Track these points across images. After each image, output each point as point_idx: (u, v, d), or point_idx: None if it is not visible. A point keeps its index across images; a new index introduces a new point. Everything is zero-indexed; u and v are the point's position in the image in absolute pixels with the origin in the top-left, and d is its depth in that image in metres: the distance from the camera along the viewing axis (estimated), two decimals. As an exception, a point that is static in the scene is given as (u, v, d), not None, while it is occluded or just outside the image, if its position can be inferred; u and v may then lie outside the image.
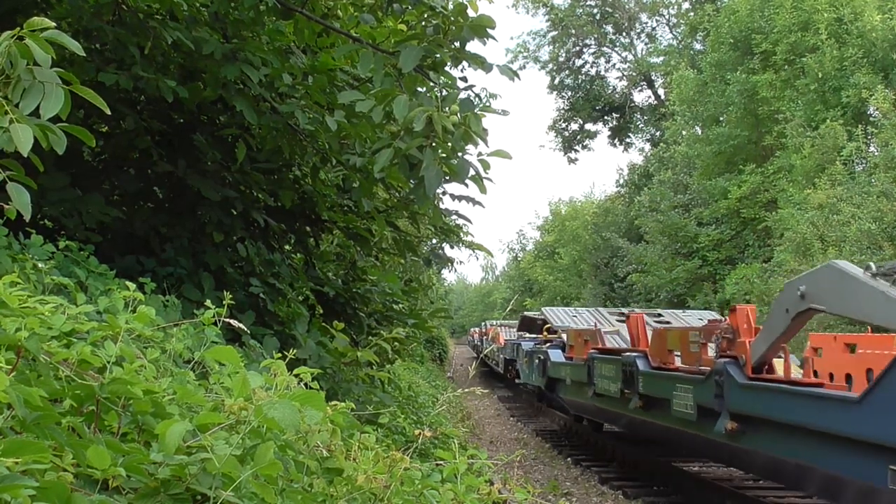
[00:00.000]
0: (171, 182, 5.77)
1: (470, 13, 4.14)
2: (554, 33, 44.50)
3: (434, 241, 10.21)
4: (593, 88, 45.43)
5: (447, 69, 4.32)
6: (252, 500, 1.70)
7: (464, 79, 4.84)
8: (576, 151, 48.52)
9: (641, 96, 46.46)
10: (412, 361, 20.31)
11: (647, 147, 42.77)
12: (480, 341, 33.21)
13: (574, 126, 47.87)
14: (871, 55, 20.36)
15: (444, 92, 4.05)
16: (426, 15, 4.35)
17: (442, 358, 36.55)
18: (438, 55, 4.11)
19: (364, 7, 5.48)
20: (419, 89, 4.42)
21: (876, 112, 18.73)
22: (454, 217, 7.44)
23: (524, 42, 52.50)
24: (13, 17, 3.78)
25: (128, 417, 1.83)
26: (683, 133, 29.87)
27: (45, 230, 4.55)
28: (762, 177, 22.58)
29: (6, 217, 2.17)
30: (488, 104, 5.99)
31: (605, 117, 46.61)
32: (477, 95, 4.60)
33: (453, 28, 4.13)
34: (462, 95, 4.00)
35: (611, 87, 45.73)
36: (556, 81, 45.98)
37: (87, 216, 4.77)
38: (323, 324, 6.37)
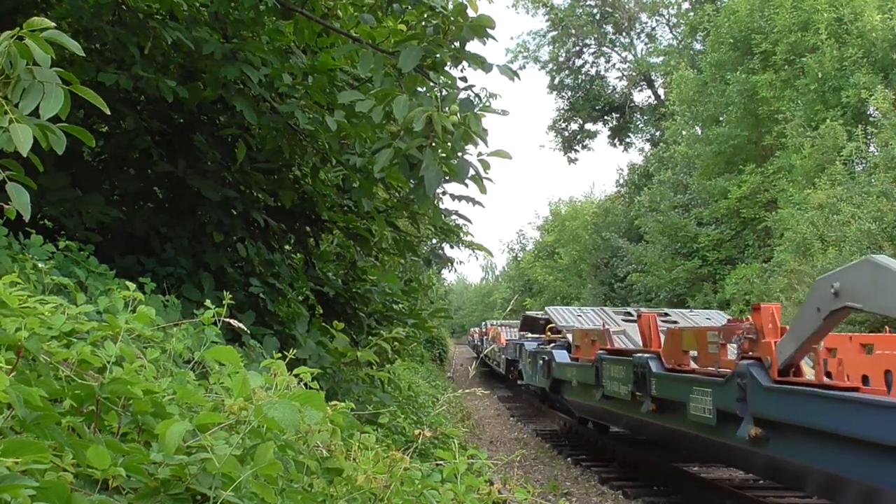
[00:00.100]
0: (171, 182, 5.78)
1: (470, 13, 4.15)
2: (554, 33, 44.53)
3: (434, 241, 10.21)
4: (593, 88, 45.46)
5: (447, 69, 4.33)
6: (252, 500, 1.70)
7: (464, 79, 4.84)
8: (576, 151, 48.63)
9: (641, 96, 46.55)
10: (412, 361, 20.29)
11: (647, 147, 42.83)
12: (480, 341, 33.10)
13: (574, 126, 47.93)
14: (871, 55, 20.37)
15: (444, 92, 4.05)
16: (426, 15, 4.35)
17: (442, 358, 36.52)
18: (438, 55, 4.11)
19: (364, 7, 5.48)
20: (419, 89, 4.41)
21: (876, 112, 18.74)
22: (454, 217, 7.43)
23: (524, 42, 52.60)
24: (13, 17, 3.78)
25: (128, 417, 1.83)
26: (683, 133, 29.89)
27: (45, 230, 4.55)
28: (762, 177, 22.60)
29: (6, 217, 2.17)
30: (488, 104, 5.97)
31: (605, 117, 46.64)
32: (477, 95, 4.60)
33: (453, 28, 4.14)
34: (462, 95, 4.00)
35: (611, 87, 45.82)
36: (556, 81, 46.02)
37: (87, 216, 4.77)
38: (323, 324, 6.37)
